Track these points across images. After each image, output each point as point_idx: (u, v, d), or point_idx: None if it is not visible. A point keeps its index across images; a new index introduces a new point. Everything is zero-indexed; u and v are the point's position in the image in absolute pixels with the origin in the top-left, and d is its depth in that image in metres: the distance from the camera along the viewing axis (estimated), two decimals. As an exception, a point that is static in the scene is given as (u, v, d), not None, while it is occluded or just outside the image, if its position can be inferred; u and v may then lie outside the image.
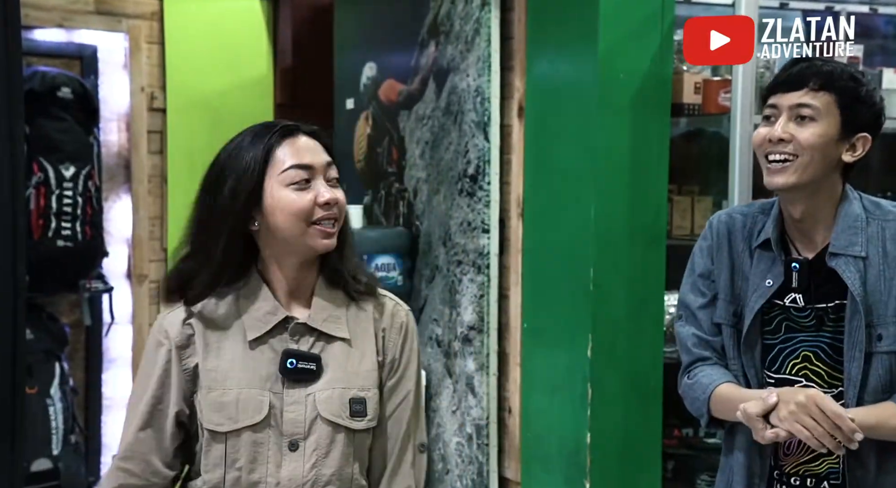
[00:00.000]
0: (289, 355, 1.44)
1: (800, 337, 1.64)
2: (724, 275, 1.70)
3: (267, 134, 1.44)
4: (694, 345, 1.72)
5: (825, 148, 1.58)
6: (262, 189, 1.42)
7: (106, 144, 3.56)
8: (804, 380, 1.62)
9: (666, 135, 2.45)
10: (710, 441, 2.73)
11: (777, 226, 1.66)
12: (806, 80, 1.59)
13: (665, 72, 2.43)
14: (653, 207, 2.45)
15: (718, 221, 1.75)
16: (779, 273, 1.64)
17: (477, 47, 2.70)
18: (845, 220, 1.62)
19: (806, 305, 1.63)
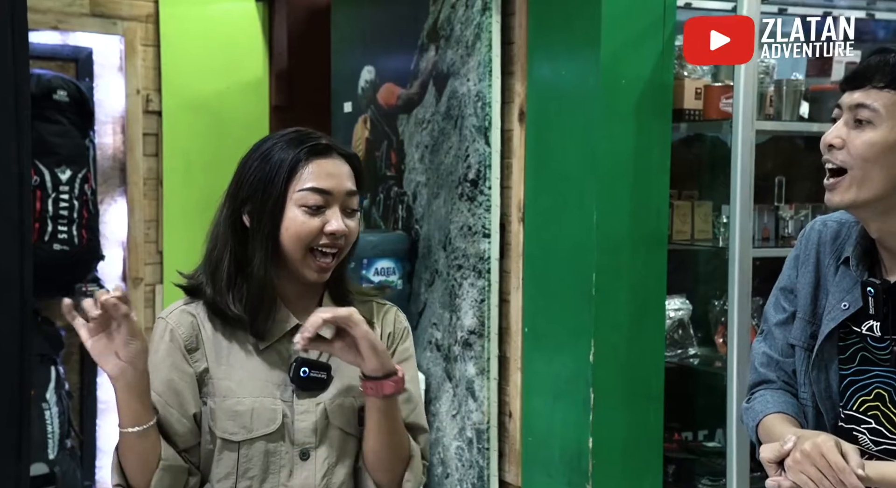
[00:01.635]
0: (302, 364, 1.43)
1: (875, 371, 1.43)
2: (806, 291, 1.50)
3: (297, 146, 1.42)
4: (761, 364, 1.55)
5: (887, 156, 1.35)
6: (283, 200, 1.40)
7: (101, 147, 3.54)
8: (873, 422, 1.43)
9: (667, 141, 2.46)
10: (709, 445, 2.75)
11: (862, 243, 1.45)
12: (870, 75, 1.36)
13: (666, 77, 2.43)
14: (654, 212, 2.46)
15: (811, 229, 1.54)
16: (857, 295, 1.43)
17: (478, 52, 2.71)
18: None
19: (884, 336, 1.41)
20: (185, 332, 1.43)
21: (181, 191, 3.65)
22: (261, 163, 1.41)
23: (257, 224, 1.41)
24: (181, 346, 1.42)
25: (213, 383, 1.42)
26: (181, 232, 3.66)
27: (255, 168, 1.41)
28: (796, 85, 2.55)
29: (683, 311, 2.64)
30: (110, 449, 3.96)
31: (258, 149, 1.44)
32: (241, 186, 1.43)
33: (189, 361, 1.42)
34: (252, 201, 1.41)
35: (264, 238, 1.40)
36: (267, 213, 1.40)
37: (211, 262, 1.45)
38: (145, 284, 3.63)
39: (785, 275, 1.56)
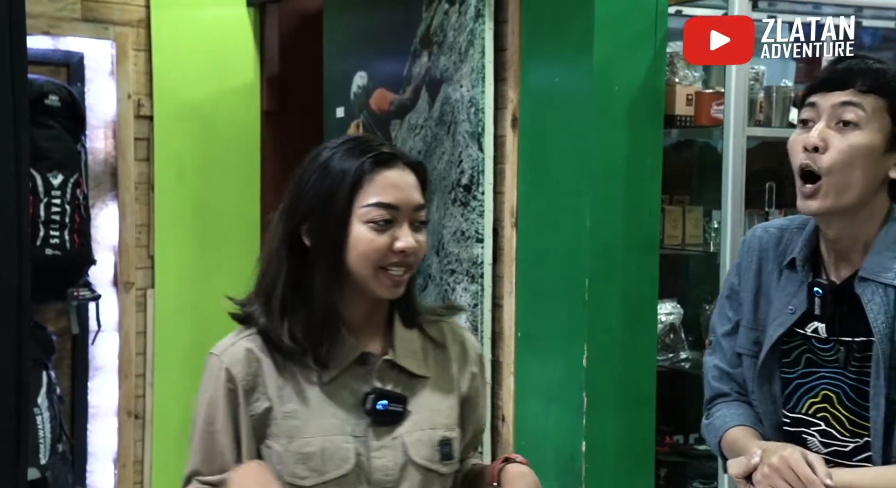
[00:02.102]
0: (379, 396, 1.30)
1: (820, 372, 1.42)
2: (748, 298, 1.50)
3: (359, 157, 1.29)
4: (714, 378, 1.55)
5: (867, 161, 1.33)
6: (347, 217, 1.28)
7: (92, 151, 3.53)
8: (822, 424, 1.42)
9: (659, 146, 2.49)
10: (700, 448, 2.77)
11: (809, 244, 1.44)
12: (853, 78, 1.34)
13: (658, 83, 2.46)
14: (647, 217, 2.49)
15: (752, 237, 1.54)
16: (803, 298, 1.42)
17: (471, 58, 2.72)
18: (884, 243, 1.37)
19: (829, 337, 1.41)
20: (243, 371, 1.29)
21: (173, 196, 3.65)
22: (320, 176, 1.30)
23: (319, 243, 1.29)
24: (239, 389, 1.29)
25: (278, 423, 1.29)
26: (173, 236, 3.66)
27: (314, 182, 1.30)
28: (786, 91, 2.58)
29: (675, 316, 2.66)
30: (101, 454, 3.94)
31: (315, 160, 1.33)
32: (298, 202, 1.31)
33: (247, 405, 1.29)
34: (312, 218, 1.30)
35: (327, 258, 1.29)
36: (329, 231, 1.28)
37: (264, 287, 1.32)
38: (136, 288, 3.62)
39: (728, 283, 1.55)
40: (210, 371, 1.32)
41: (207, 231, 3.73)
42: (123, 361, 3.61)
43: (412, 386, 1.34)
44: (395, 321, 1.37)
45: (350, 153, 1.31)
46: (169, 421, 3.63)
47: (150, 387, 3.63)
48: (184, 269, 3.67)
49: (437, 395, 1.35)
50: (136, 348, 3.62)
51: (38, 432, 3.17)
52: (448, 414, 1.35)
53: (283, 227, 1.32)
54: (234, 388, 1.29)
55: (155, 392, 3.62)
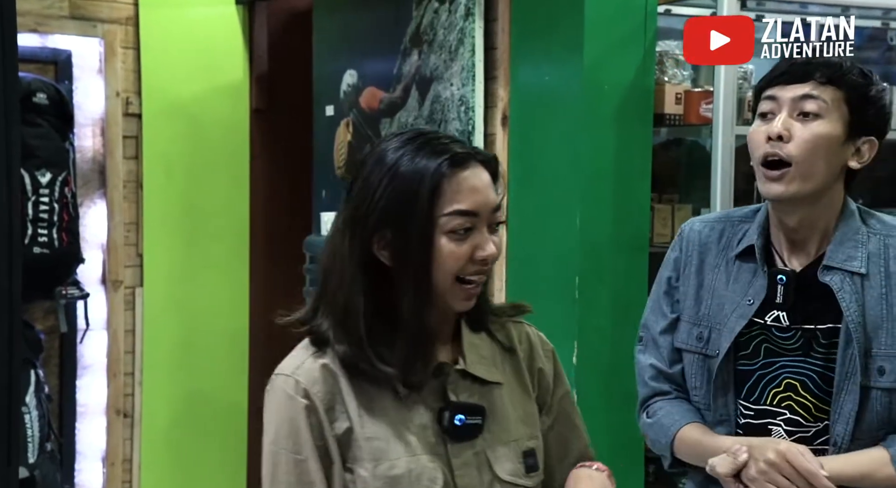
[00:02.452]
0: (456, 409, 1.19)
1: (781, 362, 1.43)
2: (690, 293, 1.50)
3: (433, 157, 1.16)
4: (651, 377, 1.56)
5: (829, 150, 1.38)
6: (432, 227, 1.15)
7: (80, 149, 3.53)
8: (787, 413, 1.43)
9: (648, 145, 2.50)
10: (689, 444, 2.79)
11: (762, 234, 1.47)
12: (812, 71, 1.40)
13: (648, 83, 2.47)
14: (636, 215, 2.50)
15: (690, 230, 1.55)
16: (760, 287, 1.43)
17: (461, 57, 2.73)
18: (845, 233, 1.42)
19: (791, 325, 1.42)
20: (322, 389, 1.18)
21: (161, 194, 3.65)
22: (391, 182, 1.16)
23: (401, 261, 1.17)
24: (320, 409, 1.17)
25: (360, 445, 1.18)
26: (161, 234, 3.65)
27: (385, 189, 1.16)
28: (774, 90, 2.60)
29: (664, 313, 2.67)
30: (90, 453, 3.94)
31: (381, 162, 1.18)
32: (368, 212, 1.17)
33: (329, 426, 1.17)
34: (387, 231, 1.17)
35: (414, 278, 1.16)
36: (413, 247, 1.15)
37: (337, 309, 1.19)
38: (125, 287, 3.62)
39: (663, 278, 1.55)
40: (282, 394, 1.18)
41: (196, 229, 3.73)
42: (112, 360, 3.60)
43: (487, 395, 1.24)
44: (462, 326, 1.26)
45: (420, 153, 1.16)
46: (158, 420, 3.62)
47: (139, 386, 3.62)
48: (172, 268, 3.67)
49: (514, 402, 1.26)
50: (125, 346, 3.62)
51: (26, 431, 3.16)
52: (528, 421, 1.27)
53: (351, 242, 1.18)
54: (314, 409, 1.17)
55: (144, 390, 3.62)
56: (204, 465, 3.69)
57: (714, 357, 1.47)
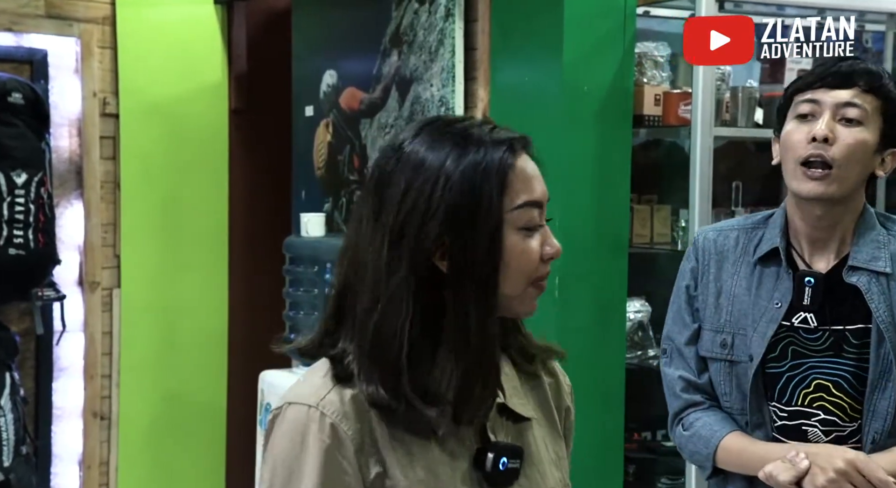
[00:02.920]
0: (499, 451, 1.03)
1: (809, 362, 1.45)
2: (710, 301, 1.51)
3: (492, 148, 1.00)
4: (683, 389, 1.55)
5: (865, 156, 1.43)
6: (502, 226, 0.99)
7: (56, 150, 3.49)
8: (822, 413, 1.45)
9: (627, 146, 2.51)
10: (668, 444, 2.80)
11: (785, 237, 1.49)
12: (856, 78, 1.43)
13: (627, 84, 2.48)
14: (616, 216, 2.51)
15: (704, 240, 1.55)
16: (786, 290, 1.46)
17: (441, 57, 2.73)
18: (867, 233, 1.46)
19: (819, 326, 1.45)
20: (353, 427, 0.98)
21: (139, 195, 3.62)
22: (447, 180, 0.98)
23: (469, 266, 0.98)
24: (350, 451, 0.97)
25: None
26: (139, 235, 3.62)
27: (444, 187, 0.97)
28: (751, 92, 2.62)
29: (643, 313, 2.69)
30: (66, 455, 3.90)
31: (420, 161, 0.99)
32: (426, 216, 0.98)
33: (359, 472, 0.98)
34: (451, 235, 0.98)
35: (482, 284, 0.98)
36: (483, 247, 0.98)
37: (368, 336, 0.98)
38: (102, 288, 3.59)
39: (682, 288, 1.56)
40: (302, 429, 0.98)
41: (175, 230, 3.70)
42: (89, 362, 3.57)
43: (522, 433, 1.09)
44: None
45: (470, 145, 1.00)
46: (135, 422, 3.60)
47: (117, 388, 3.59)
48: (151, 269, 3.64)
49: (546, 441, 1.12)
50: (102, 348, 3.58)
51: (1, 434, 3.13)
52: (560, 465, 1.13)
53: (395, 253, 0.98)
54: (344, 452, 0.97)
55: (121, 392, 3.59)
56: (182, 468, 3.66)
57: (740, 362, 1.48)
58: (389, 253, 0.99)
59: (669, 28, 2.72)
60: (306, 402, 0.99)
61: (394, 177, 1.00)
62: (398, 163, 1.01)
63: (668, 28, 2.72)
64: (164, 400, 3.65)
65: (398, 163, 1.01)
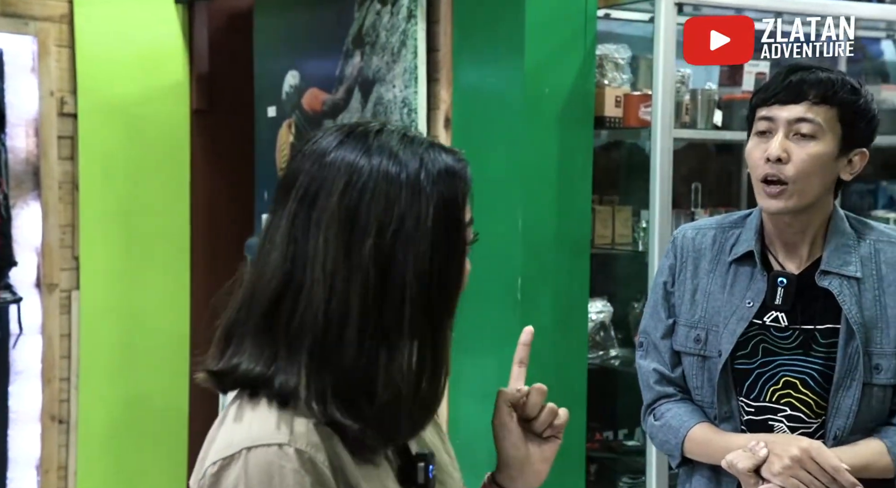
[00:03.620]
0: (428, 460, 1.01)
1: (779, 360, 1.50)
2: (686, 297, 1.56)
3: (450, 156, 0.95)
4: (656, 381, 1.59)
5: (824, 167, 1.45)
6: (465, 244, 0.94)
7: (13, 150, 3.43)
8: (788, 409, 1.50)
9: (589, 148, 2.53)
10: (630, 444, 2.83)
11: (759, 240, 1.53)
12: (806, 91, 1.44)
13: (588, 86, 2.50)
14: (578, 217, 2.52)
15: (683, 237, 1.60)
16: (759, 290, 1.50)
17: (403, 58, 2.73)
18: (838, 238, 1.50)
19: (789, 325, 1.50)
20: (325, 457, 0.90)
21: (99, 196, 3.57)
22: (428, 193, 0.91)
23: (439, 281, 0.93)
24: (332, 484, 0.90)
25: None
26: (99, 237, 3.58)
27: (428, 203, 0.90)
28: (710, 94, 2.65)
29: (605, 314, 2.71)
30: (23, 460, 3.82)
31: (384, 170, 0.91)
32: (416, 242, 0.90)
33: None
34: (425, 245, 0.91)
35: (452, 298, 0.97)
36: (454, 272, 0.95)
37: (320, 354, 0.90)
38: (60, 290, 3.53)
39: (659, 284, 1.60)
40: (280, 472, 0.87)
41: (135, 231, 3.66)
42: (47, 365, 3.51)
43: (419, 440, 1.05)
44: None
45: (434, 150, 0.94)
46: (95, 426, 3.55)
47: (75, 391, 3.54)
48: (111, 271, 3.60)
49: (437, 442, 1.11)
50: (61, 351, 3.53)
51: (-44, 440, 3.07)
52: (453, 463, 1.12)
53: (353, 261, 0.90)
54: (327, 482, 0.89)
55: (80, 395, 3.54)
56: (143, 471, 3.62)
57: (712, 358, 1.53)
58: (378, 284, 0.90)
59: (630, 30, 2.75)
60: (273, 441, 0.88)
61: (363, 198, 0.90)
62: (359, 180, 0.91)
63: (629, 30, 2.75)
64: (125, 403, 3.61)
65: (360, 183, 0.91)
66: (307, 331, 0.90)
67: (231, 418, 0.92)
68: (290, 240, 0.92)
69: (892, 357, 1.47)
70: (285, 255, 0.92)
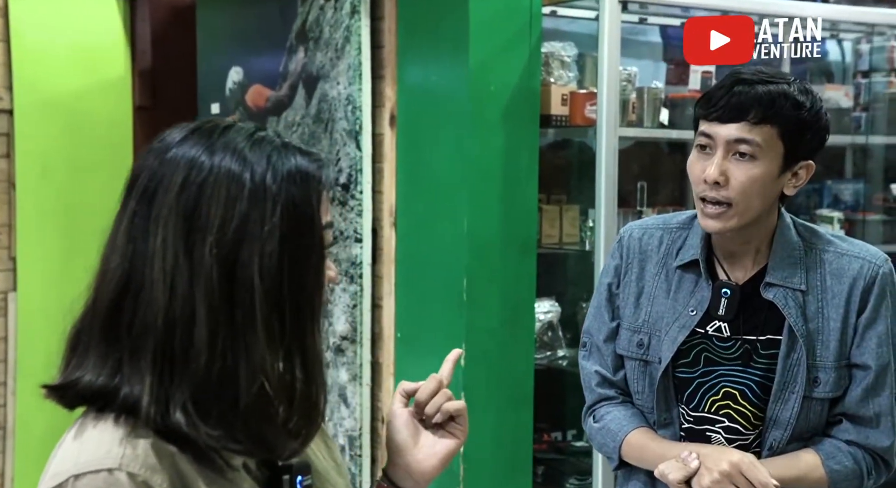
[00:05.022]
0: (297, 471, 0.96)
1: (720, 370, 1.47)
2: (630, 301, 1.53)
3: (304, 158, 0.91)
4: (598, 384, 1.57)
5: (765, 187, 1.40)
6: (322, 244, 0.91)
7: (-54, 147, 3.33)
8: (726, 420, 1.47)
9: (535, 146, 2.50)
10: (577, 445, 2.81)
11: (705, 247, 1.48)
12: (745, 111, 1.38)
13: (534, 84, 2.47)
14: (524, 216, 2.50)
15: (629, 237, 1.55)
16: (703, 298, 1.47)
17: (347, 55, 2.68)
18: (784, 249, 1.46)
19: (731, 335, 1.46)
20: (165, 479, 0.85)
21: (37, 195, 3.47)
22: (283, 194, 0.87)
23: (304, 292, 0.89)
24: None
25: None
26: (37, 237, 3.47)
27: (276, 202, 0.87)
28: (656, 92, 2.64)
29: (553, 314, 2.69)
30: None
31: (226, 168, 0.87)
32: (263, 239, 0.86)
33: None
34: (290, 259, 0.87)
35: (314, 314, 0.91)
36: (313, 273, 0.90)
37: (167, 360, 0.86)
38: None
39: (603, 285, 1.56)
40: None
41: (76, 231, 3.55)
42: (-17, 370, 3.41)
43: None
44: None
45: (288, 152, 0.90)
46: (34, 431, 3.45)
47: (13, 396, 3.44)
48: (49, 272, 3.49)
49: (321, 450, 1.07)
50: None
51: None
52: (340, 470, 1.08)
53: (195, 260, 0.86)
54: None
55: (18, 401, 3.43)
56: (84, 478, 3.53)
57: (653, 363, 1.50)
58: (223, 284, 0.85)
59: (576, 28, 2.73)
60: (102, 467, 0.83)
61: (203, 195, 0.87)
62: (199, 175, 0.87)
63: (576, 28, 2.73)
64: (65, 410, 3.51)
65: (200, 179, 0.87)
66: (149, 335, 0.86)
67: (71, 437, 0.88)
68: (130, 240, 0.89)
69: (832, 370, 1.44)
70: (124, 255, 0.88)
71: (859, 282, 1.45)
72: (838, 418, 1.47)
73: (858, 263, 1.46)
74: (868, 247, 1.51)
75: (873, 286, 1.45)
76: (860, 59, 3.15)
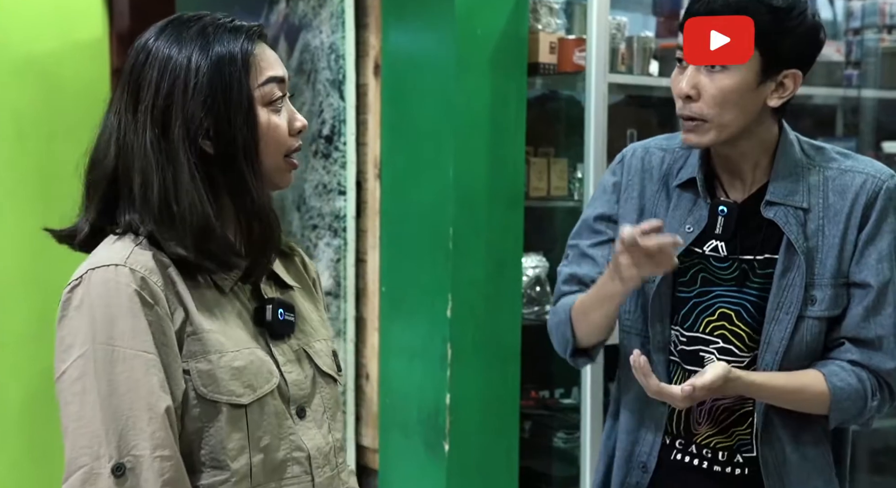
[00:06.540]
0: (277, 305, 1.19)
1: (717, 291, 1.44)
2: (630, 218, 1.49)
3: (233, 37, 1.15)
4: (564, 281, 1.54)
5: (741, 98, 1.36)
6: (252, 103, 1.14)
7: (-84, 108, 3.23)
8: (721, 341, 1.44)
9: (523, 96, 2.45)
10: (565, 402, 2.77)
11: (703, 164, 1.45)
12: (714, 14, 1.36)
13: (521, 31, 2.42)
14: (511, 168, 2.45)
15: (632, 156, 1.52)
16: (700, 217, 1.44)
17: (330, 3, 2.61)
18: (785, 166, 1.41)
19: (728, 255, 1.43)
20: (160, 279, 1.11)
21: (11, 160, 3.38)
22: (198, 67, 1.12)
23: (232, 143, 1.13)
24: (162, 299, 1.10)
25: (200, 338, 1.11)
26: (12, 202, 3.39)
27: (197, 74, 1.12)
28: (646, 42, 2.59)
29: (541, 269, 2.64)
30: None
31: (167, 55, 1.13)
32: (186, 101, 1.12)
33: (170, 319, 1.10)
34: (211, 117, 1.13)
35: (248, 157, 1.14)
36: (241, 125, 1.13)
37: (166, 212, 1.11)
38: (-28, 259, 3.34)
39: (601, 201, 1.53)
40: (115, 285, 1.08)
41: (51, 196, 3.47)
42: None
43: (288, 296, 1.25)
44: None
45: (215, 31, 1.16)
46: (10, 399, 3.38)
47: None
48: (25, 237, 3.40)
49: (309, 305, 1.28)
50: (-29, 321, 3.35)
51: None
52: (324, 324, 1.30)
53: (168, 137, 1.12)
54: (157, 299, 1.09)
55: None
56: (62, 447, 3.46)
57: (648, 281, 1.45)
58: (161, 142, 1.12)
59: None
60: (111, 263, 1.10)
61: (144, 73, 1.14)
62: (147, 60, 1.15)
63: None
64: (42, 377, 3.41)
65: (147, 61, 1.15)
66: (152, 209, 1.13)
67: (96, 250, 1.15)
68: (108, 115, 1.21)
69: (829, 287, 1.40)
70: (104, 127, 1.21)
71: (861, 196, 1.40)
72: (840, 341, 1.43)
73: (862, 178, 1.41)
74: (874, 162, 1.46)
75: (876, 200, 1.40)
76: (851, 16, 3.11)
